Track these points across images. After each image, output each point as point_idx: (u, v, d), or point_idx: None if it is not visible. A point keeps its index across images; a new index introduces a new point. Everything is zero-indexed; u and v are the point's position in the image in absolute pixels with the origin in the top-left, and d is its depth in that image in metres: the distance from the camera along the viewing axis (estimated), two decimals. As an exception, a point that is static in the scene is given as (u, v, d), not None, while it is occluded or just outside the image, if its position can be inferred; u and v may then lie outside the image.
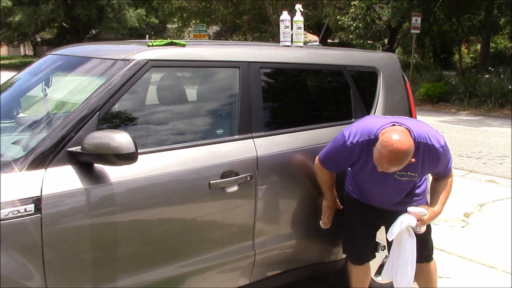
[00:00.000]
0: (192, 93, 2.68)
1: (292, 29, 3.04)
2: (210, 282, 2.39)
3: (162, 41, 2.45)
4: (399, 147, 2.16)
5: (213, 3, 23.54)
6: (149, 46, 2.38)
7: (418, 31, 15.19)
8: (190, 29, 24.96)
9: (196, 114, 2.59)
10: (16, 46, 41.07)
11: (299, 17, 3.07)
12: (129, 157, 1.90)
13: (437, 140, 2.36)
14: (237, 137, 2.44)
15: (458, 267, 3.67)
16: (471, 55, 23.58)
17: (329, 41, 27.04)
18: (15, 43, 37.25)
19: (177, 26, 26.27)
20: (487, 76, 14.13)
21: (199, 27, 19.52)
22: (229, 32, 29.51)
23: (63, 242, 1.89)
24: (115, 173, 2.01)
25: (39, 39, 38.11)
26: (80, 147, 1.92)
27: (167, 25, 32.15)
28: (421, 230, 2.49)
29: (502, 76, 13.68)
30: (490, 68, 15.26)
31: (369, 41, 22.44)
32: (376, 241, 2.79)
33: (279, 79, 2.84)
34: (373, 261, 2.85)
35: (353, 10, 17.90)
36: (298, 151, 2.62)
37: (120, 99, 2.12)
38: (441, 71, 16.33)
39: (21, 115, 2.54)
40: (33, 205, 1.81)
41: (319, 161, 2.57)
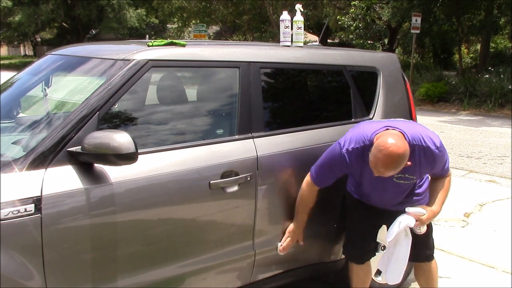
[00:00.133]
0: (192, 93, 2.68)
1: (292, 29, 3.04)
2: (210, 282, 2.39)
3: (162, 41, 2.45)
4: (394, 150, 2.15)
5: (213, 3, 23.53)
6: (149, 46, 2.38)
7: (418, 31, 15.19)
8: (190, 29, 24.96)
9: (196, 114, 2.59)
10: (16, 46, 41.08)
11: (299, 17, 3.07)
12: (129, 157, 1.90)
13: (432, 141, 2.35)
14: (237, 137, 2.44)
15: (458, 267, 3.67)
16: (471, 55, 23.59)
17: (329, 41, 27.04)
18: (15, 43, 37.26)
19: (177, 26, 26.26)
20: (487, 76, 14.13)
21: (199, 27, 19.52)
22: (229, 32, 29.50)
23: (63, 242, 1.89)
24: (115, 173, 2.01)
25: (39, 39, 38.11)
26: (80, 147, 1.92)
27: (167, 25, 32.15)
28: (421, 230, 2.50)
29: (502, 76, 13.68)
30: (490, 68, 15.27)
31: (369, 41, 22.44)
32: (376, 242, 2.79)
33: (279, 79, 2.84)
34: (374, 261, 2.85)
35: (353, 10, 17.91)
36: (298, 151, 2.62)
37: (120, 99, 2.12)
38: (441, 71, 16.33)
39: (21, 115, 2.54)
40: (33, 205, 1.81)
41: (310, 178, 2.53)
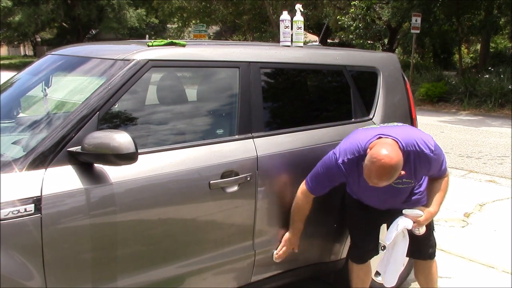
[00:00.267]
0: (192, 93, 2.68)
1: (292, 29, 3.04)
2: (210, 282, 2.39)
3: (162, 41, 2.45)
4: (387, 162, 2.14)
5: (213, 3, 23.54)
6: (149, 46, 2.38)
7: (418, 31, 15.19)
8: (190, 29, 24.96)
9: (196, 114, 2.59)
10: (16, 46, 41.08)
11: (299, 17, 3.07)
12: (129, 157, 1.90)
13: (427, 145, 2.34)
14: (237, 137, 2.44)
15: (458, 267, 3.67)
16: (471, 55, 23.58)
17: (329, 41, 27.04)
18: (15, 43, 37.25)
19: (177, 26, 26.27)
20: (487, 76, 14.13)
21: (199, 27, 19.52)
22: (229, 32, 29.51)
23: (63, 242, 1.89)
24: (115, 173, 2.01)
25: (39, 39, 38.11)
26: (80, 147, 1.92)
27: (167, 25, 32.15)
28: (420, 231, 2.50)
29: (502, 76, 13.68)
30: (490, 68, 15.27)
31: (369, 41, 22.44)
32: (377, 241, 2.79)
33: (279, 79, 2.84)
34: (373, 261, 2.85)
35: (353, 10, 17.91)
36: (298, 151, 2.62)
37: (120, 99, 2.12)
38: (441, 71, 16.33)
39: (21, 115, 2.54)
40: (33, 205, 1.81)
41: (306, 186, 2.52)
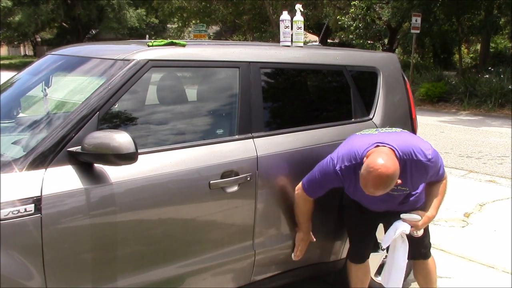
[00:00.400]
0: (192, 93, 2.68)
1: (292, 29, 3.04)
2: (210, 282, 2.39)
3: (162, 41, 2.45)
4: (384, 172, 2.14)
5: (213, 3, 23.54)
6: (149, 46, 2.38)
7: (418, 31, 15.19)
8: (190, 29, 24.97)
9: (196, 114, 2.59)
10: (16, 46, 41.08)
11: (299, 17, 3.07)
12: (129, 157, 1.90)
13: (423, 154, 2.33)
14: (237, 137, 2.44)
15: (458, 267, 3.67)
16: (471, 55, 23.58)
17: (329, 41, 27.04)
18: (15, 43, 37.25)
19: (177, 26, 26.27)
20: (487, 76, 14.13)
21: (199, 27, 19.52)
22: (229, 32, 29.50)
23: (63, 242, 1.89)
24: (115, 173, 2.01)
25: (39, 39, 38.11)
26: (80, 147, 1.92)
27: (167, 25, 32.15)
28: (418, 234, 2.51)
29: (502, 76, 13.68)
30: (490, 68, 15.27)
31: (369, 41, 22.44)
32: (376, 240, 2.79)
33: (279, 79, 2.84)
34: (373, 261, 2.85)
35: (353, 10, 17.92)
36: (298, 151, 2.62)
37: (120, 99, 2.12)
38: (441, 71, 16.33)
39: (21, 115, 2.54)
40: (33, 205, 1.81)
41: (302, 190, 2.51)
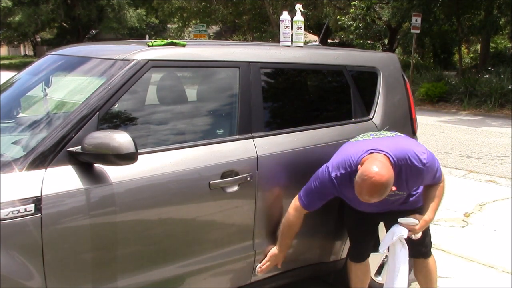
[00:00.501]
0: (192, 93, 2.68)
1: (292, 29, 3.04)
2: (210, 282, 2.39)
3: (162, 41, 2.45)
4: (378, 179, 2.13)
5: (213, 3, 23.54)
6: (149, 46, 2.38)
7: (418, 31, 15.20)
8: (190, 29, 24.97)
9: (196, 114, 2.59)
10: (16, 46, 41.08)
11: (299, 17, 3.07)
12: (129, 157, 1.90)
13: (419, 159, 2.32)
14: (237, 137, 2.44)
15: (458, 267, 3.67)
16: (471, 55, 23.58)
17: (329, 41, 27.04)
18: (15, 43, 37.25)
19: (177, 26, 26.27)
20: (487, 76, 14.13)
21: (199, 27, 19.52)
22: (229, 32, 29.50)
23: (63, 242, 1.89)
24: (115, 173, 2.01)
25: (39, 39, 38.11)
26: (80, 147, 1.92)
27: (167, 25, 32.15)
28: (416, 236, 2.51)
29: (502, 76, 13.68)
30: (490, 68, 15.27)
31: (369, 41, 22.45)
32: (377, 239, 2.79)
33: (279, 79, 2.84)
34: (373, 261, 2.85)
35: (353, 10, 17.92)
36: (298, 151, 2.62)
37: (120, 99, 2.12)
38: (441, 71, 16.34)
39: (21, 115, 2.54)
40: (33, 205, 1.81)
41: (299, 202, 2.50)
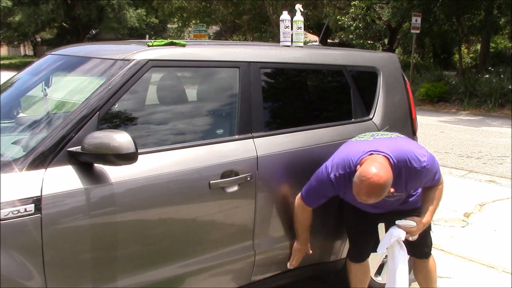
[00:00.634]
0: (192, 93, 2.68)
1: (292, 29, 3.04)
2: (210, 282, 2.39)
3: (162, 41, 2.45)
4: (376, 180, 2.14)
5: (213, 3, 23.54)
6: (149, 46, 2.38)
7: (418, 31, 15.20)
8: (190, 29, 24.96)
9: (196, 114, 2.59)
10: (16, 46, 41.07)
11: (299, 17, 3.07)
12: (129, 157, 1.90)
13: (418, 161, 2.32)
14: (237, 137, 2.44)
15: (458, 267, 3.67)
16: (471, 55, 23.58)
17: (329, 41, 27.04)
18: (15, 43, 37.24)
19: (177, 26, 26.27)
20: (487, 76, 14.13)
21: (199, 27, 19.52)
22: (229, 32, 29.50)
23: (63, 242, 1.89)
24: (115, 173, 2.01)
25: (39, 39, 38.11)
26: (80, 147, 1.92)
27: (167, 25, 32.14)
28: (414, 238, 2.51)
29: (502, 76, 13.68)
30: (490, 68, 15.27)
31: (369, 41, 22.45)
32: (377, 239, 2.79)
33: (279, 79, 2.84)
34: (373, 261, 2.85)
35: (353, 10, 17.93)
36: (298, 151, 2.61)
37: (120, 99, 2.12)
38: (441, 71, 16.33)
39: (21, 115, 2.54)
40: (33, 205, 1.81)
41: (301, 199, 2.52)
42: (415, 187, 2.48)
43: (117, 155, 1.87)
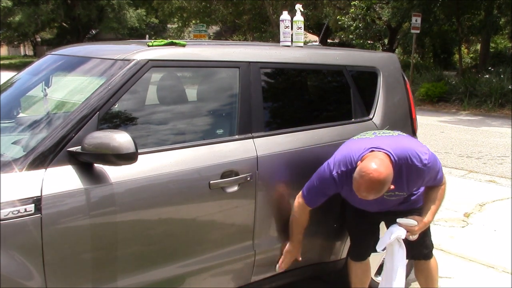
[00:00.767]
0: (192, 93, 2.68)
1: (292, 29, 3.04)
2: (210, 282, 2.39)
3: (162, 41, 2.45)
4: (375, 176, 2.14)
5: (213, 3, 23.54)
6: (149, 46, 2.38)
7: (418, 31, 15.20)
8: (190, 29, 24.97)
9: (196, 114, 2.59)
10: (16, 46, 41.07)
11: (299, 17, 3.07)
12: (129, 157, 1.90)
13: (420, 159, 2.32)
14: (237, 137, 2.44)
15: (458, 267, 3.67)
16: (471, 55, 23.58)
17: (329, 41, 27.04)
18: (15, 43, 37.24)
19: (177, 26, 26.27)
20: (487, 76, 14.14)
21: (199, 27, 19.52)
22: (229, 32, 29.50)
23: (63, 242, 1.89)
24: (115, 173, 2.01)
25: (39, 39, 38.12)
26: (80, 147, 1.92)
27: (167, 25, 32.14)
28: (414, 237, 2.50)
29: (502, 76, 13.68)
30: (490, 68, 15.28)
31: (369, 41, 22.45)
32: (377, 238, 2.79)
33: (279, 79, 2.84)
34: (373, 261, 2.85)
35: (353, 10, 17.93)
36: (298, 151, 2.62)
37: (120, 99, 2.12)
38: (441, 71, 16.33)
39: (21, 115, 2.54)
40: (33, 205, 1.81)
41: (302, 198, 2.51)
42: (416, 185, 2.47)
43: (117, 155, 1.87)
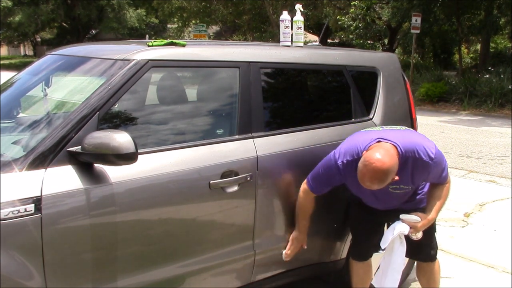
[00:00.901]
0: (192, 93, 2.68)
1: (292, 29, 3.04)
2: (210, 282, 2.39)
3: (162, 41, 2.45)
4: (378, 166, 2.14)
5: (213, 3, 23.54)
6: (149, 46, 2.38)
7: (418, 31, 15.20)
8: (190, 29, 24.97)
9: (196, 114, 2.59)
10: (16, 46, 41.08)
11: (299, 17, 3.07)
12: (129, 157, 1.90)
13: (426, 153, 2.32)
14: (237, 137, 2.44)
15: (458, 267, 3.67)
16: (471, 55, 23.58)
17: (329, 41, 27.04)
18: (15, 43, 37.27)
19: (177, 26, 26.27)
20: (487, 76, 14.14)
21: (199, 27, 19.52)
22: (229, 32, 29.49)
23: (63, 242, 1.89)
24: (115, 173, 2.01)
25: (39, 39, 38.11)
26: (80, 147, 1.92)
27: (167, 25, 32.14)
28: (417, 236, 2.49)
29: (502, 76, 13.69)
30: (490, 68, 15.28)
31: (369, 41, 22.45)
32: (380, 239, 2.79)
33: (279, 79, 2.84)
34: (375, 261, 2.85)
35: (353, 10, 17.93)
36: (298, 151, 2.62)
37: (120, 99, 2.12)
38: (441, 71, 16.33)
39: (21, 115, 2.54)
40: (33, 205, 1.81)
41: (307, 185, 2.52)
42: (421, 180, 2.47)
43: (117, 155, 1.87)
